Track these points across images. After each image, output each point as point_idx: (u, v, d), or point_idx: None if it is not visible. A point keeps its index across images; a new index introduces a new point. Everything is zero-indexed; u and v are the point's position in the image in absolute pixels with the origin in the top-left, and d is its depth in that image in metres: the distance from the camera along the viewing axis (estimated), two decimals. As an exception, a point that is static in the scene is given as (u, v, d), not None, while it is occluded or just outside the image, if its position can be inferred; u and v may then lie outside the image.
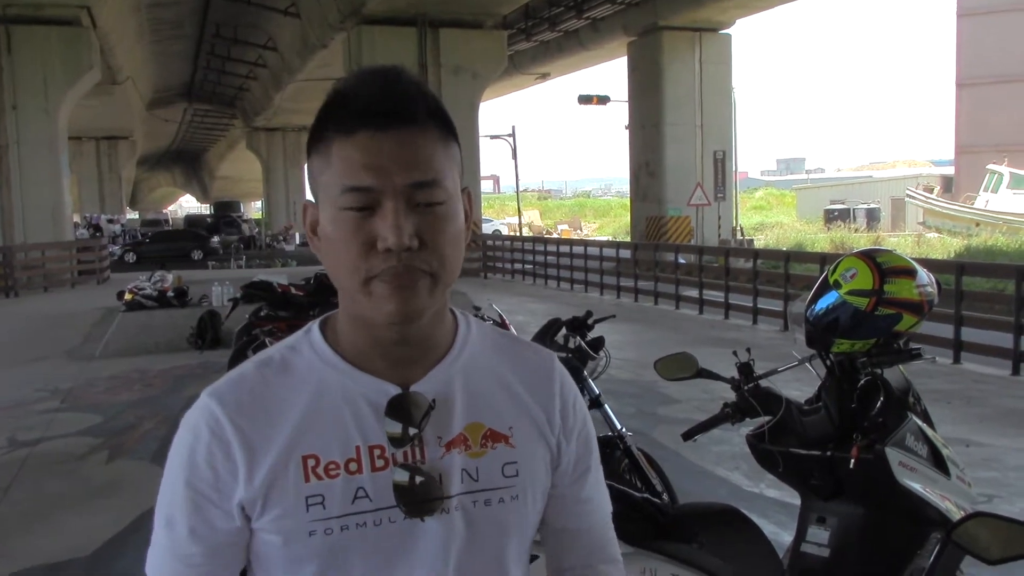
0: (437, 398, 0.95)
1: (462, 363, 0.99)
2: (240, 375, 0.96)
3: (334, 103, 0.91)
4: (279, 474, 0.91)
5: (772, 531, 3.54)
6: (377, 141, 0.88)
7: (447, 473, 0.95)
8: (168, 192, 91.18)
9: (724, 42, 23.57)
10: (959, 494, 2.14)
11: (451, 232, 0.92)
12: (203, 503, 0.92)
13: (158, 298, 11.91)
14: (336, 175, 0.89)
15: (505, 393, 1.00)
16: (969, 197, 32.43)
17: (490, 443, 0.97)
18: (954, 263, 11.39)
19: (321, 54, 24.72)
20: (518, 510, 0.98)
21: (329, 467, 0.92)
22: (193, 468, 0.93)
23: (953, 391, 7.39)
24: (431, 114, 0.92)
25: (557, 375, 1.05)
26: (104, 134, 40.68)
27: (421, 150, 0.90)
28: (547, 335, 3.84)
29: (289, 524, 0.92)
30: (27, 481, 5.53)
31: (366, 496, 0.92)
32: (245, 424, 0.92)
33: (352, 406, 0.94)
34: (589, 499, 1.08)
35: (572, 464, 1.04)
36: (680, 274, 14.76)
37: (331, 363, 0.96)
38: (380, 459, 0.93)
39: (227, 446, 0.92)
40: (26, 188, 19.10)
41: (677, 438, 2.73)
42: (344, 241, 0.89)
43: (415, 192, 0.89)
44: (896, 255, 2.22)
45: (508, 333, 1.10)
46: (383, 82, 0.91)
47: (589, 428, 1.08)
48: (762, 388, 2.33)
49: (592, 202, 67.28)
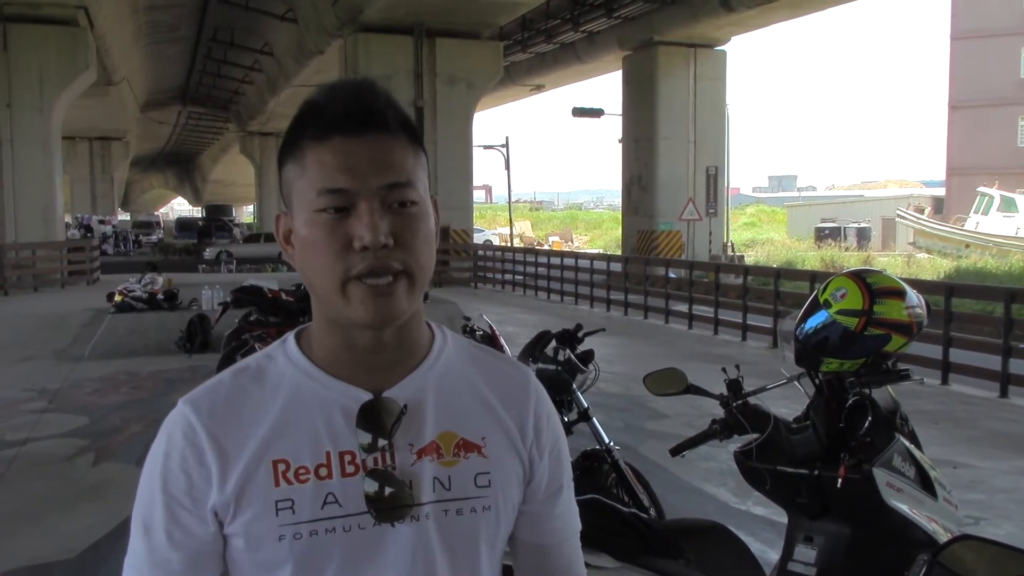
0: (410, 405, 0.96)
1: (436, 372, 1.00)
2: (216, 383, 0.98)
3: (308, 113, 0.94)
4: (250, 479, 0.93)
5: (759, 548, 3.55)
6: (351, 145, 0.91)
7: (418, 480, 0.95)
8: (160, 194, 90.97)
9: (719, 58, 23.72)
10: (946, 516, 2.15)
11: (423, 232, 0.94)
12: (178, 509, 0.94)
13: (148, 300, 11.86)
14: (311, 179, 0.92)
15: (479, 404, 1.01)
16: (959, 219, 32.61)
17: (463, 452, 0.98)
18: (944, 284, 11.47)
19: (317, 60, 24.75)
20: (490, 521, 0.99)
21: (299, 472, 0.93)
22: (168, 474, 0.94)
23: (941, 412, 7.42)
24: (401, 123, 0.95)
25: (533, 390, 1.05)
26: (98, 135, 40.57)
27: (393, 154, 0.93)
28: (536, 347, 3.85)
29: (259, 528, 0.93)
30: (14, 482, 5.50)
31: (336, 502, 0.93)
32: (218, 430, 0.94)
33: (324, 412, 0.95)
34: (560, 515, 1.08)
35: (545, 481, 1.05)
36: (670, 289, 14.80)
37: (304, 370, 0.97)
38: (351, 465, 0.94)
39: (200, 452, 0.93)
40: (18, 187, 19.03)
41: (665, 453, 2.74)
42: (320, 243, 0.91)
43: (389, 193, 0.92)
44: (886, 276, 2.24)
45: (484, 347, 1.10)
46: (355, 92, 0.94)
47: (562, 446, 1.08)
48: (751, 405, 2.34)
49: (584, 214, 67.42)
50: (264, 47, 29.36)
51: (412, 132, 0.96)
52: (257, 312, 8.20)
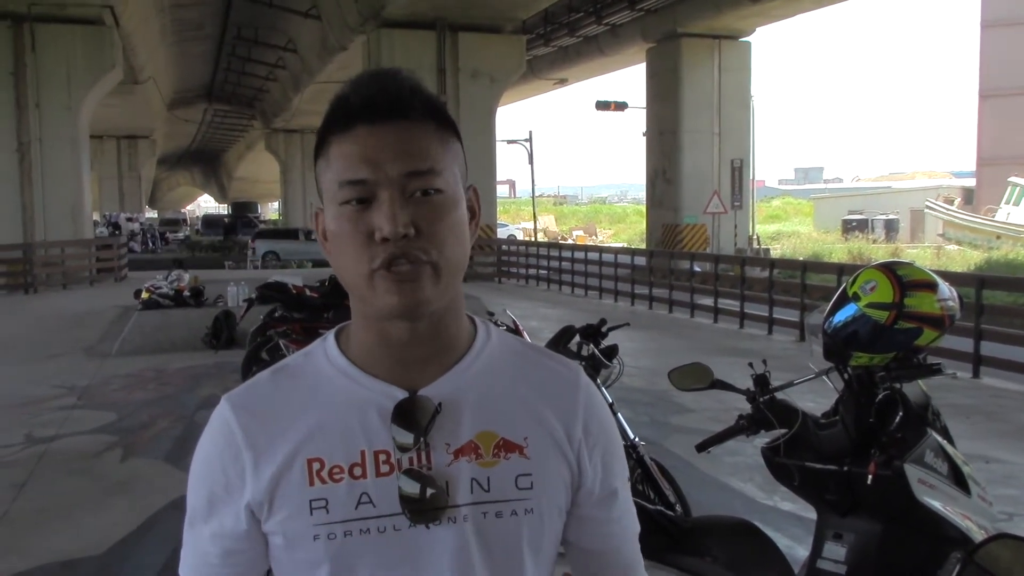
0: (446, 403, 0.94)
1: (476, 370, 0.97)
2: (256, 381, 0.98)
3: (335, 106, 0.93)
4: (284, 476, 0.92)
5: (786, 545, 3.51)
6: (371, 135, 0.90)
7: (454, 481, 0.93)
8: (187, 192, 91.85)
9: (743, 50, 23.51)
10: (979, 513, 2.11)
11: (449, 221, 0.91)
12: (218, 504, 0.95)
13: (174, 297, 11.98)
14: (335, 172, 0.91)
15: (522, 403, 0.97)
16: (990, 210, 32.16)
17: (503, 453, 0.95)
18: (974, 276, 11.28)
19: (341, 56, 24.82)
20: (533, 524, 0.95)
21: (333, 471, 0.92)
22: (209, 471, 0.96)
23: (972, 406, 7.31)
24: (428, 110, 0.93)
25: (583, 389, 1.01)
26: (125, 133, 41.00)
27: (415, 141, 0.90)
28: (560, 342, 3.83)
29: (293, 527, 0.92)
30: (42, 478, 5.56)
31: (370, 502, 0.92)
32: (254, 428, 0.94)
33: (359, 411, 0.94)
34: (616, 520, 1.04)
35: (596, 483, 1.00)
36: (695, 282, 14.70)
37: (341, 368, 0.96)
38: (385, 464, 0.92)
39: (236, 449, 0.94)
40: (47, 185, 19.26)
41: (690, 448, 2.71)
42: (346, 235, 0.90)
43: (409, 181, 0.89)
44: (917, 268, 2.19)
45: (531, 343, 1.07)
46: (378, 81, 0.93)
47: (615, 447, 1.03)
48: (778, 400, 2.30)
49: (608, 208, 67.20)
50: (288, 44, 29.50)
51: (441, 118, 0.94)
52: (282, 308, 8.25)
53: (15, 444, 6.36)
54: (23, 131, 19.04)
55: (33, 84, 18.98)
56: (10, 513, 4.89)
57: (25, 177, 19.13)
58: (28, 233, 19.13)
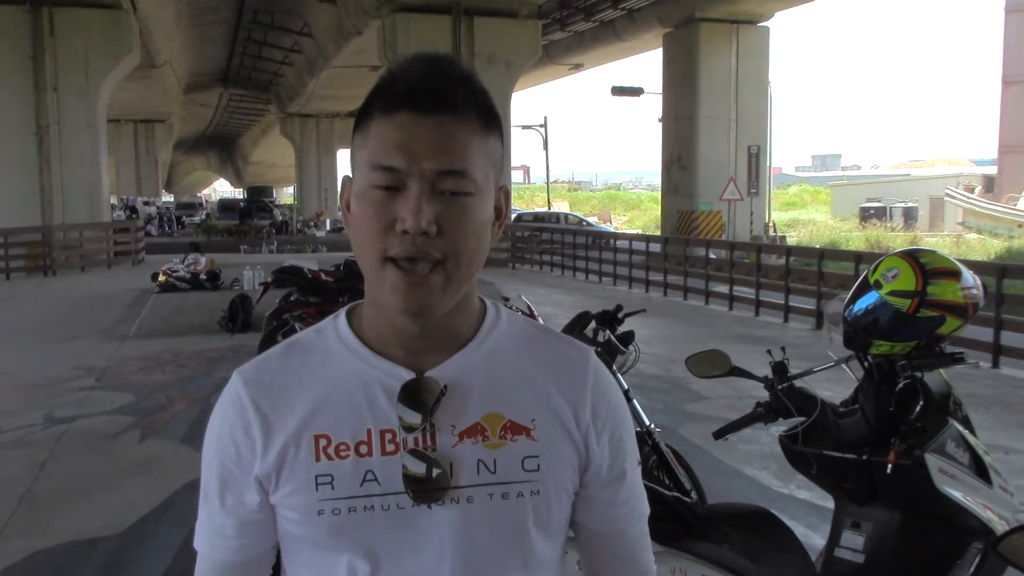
0: (453, 385, 0.94)
1: (484, 352, 0.97)
2: (267, 356, 1.00)
3: (383, 83, 0.92)
4: (291, 451, 0.94)
5: (802, 533, 3.50)
6: (414, 123, 0.89)
7: (459, 462, 0.93)
8: (203, 176, 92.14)
9: (762, 35, 23.28)
10: (1001, 503, 2.09)
11: (472, 224, 0.91)
12: (230, 477, 0.97)
13: (191, 280, 12.05)
14: (369, 152, 0.91)
15: (530, 385, 0.97)
16: (1012, 198, 31.84)
17: (510, 435, 0.95)
18: (995, 265, 11.16)
19: (356, 41, 24.77)
20: (539, 506, 0.96)
21: (340, 448, 0.93)
22: (221, 444, 0.97)
23: (992, 396, 7.26)
24: (475, 105, 0.92)
25: (592, 370, 1.01)
26: (142, 117, 41.09)
27: (455, 138, 0.89)
28: (576, 328, 3.82)
29: (299, 501, 0.94)
30: (62, 458, 5.62)
31: (375, 479, 0.93)
32: (264, 402, 0.95)
33: (366, 390, 0.95)
34: (624, 501, 1.04)
35: (605, 466, 1.00)
36: (711, 269, 14.64)
37: (351, 347, 0.97)
38: (391, 443, 0.93)
39: (247, 423, 0.95)
40: (65, 169, 19.35)
41: (706, 435, 2.70)
42: (367, 217, 0.90)
43: (441, 179, 0.89)
44: (940, 256, 2.17)
45: (542, 326, 1.07)
46: (430, 67, 0.91)
47: (624, 430, 1.03)
48: (796, 388, 2.29)
49: (623, 195, 66.94)
50: (303, 28, 29.46)
51: (486, 115, 0.93)
52: (297, 292, 8.28)
53: (35, 424, 6.43)
54: (41, 115, 19.12)
55: (51, 68, 19.04)
56: (31, 492, 4.94)
57: (44, 160, 19.23)
58: (46, 216, 19.25)
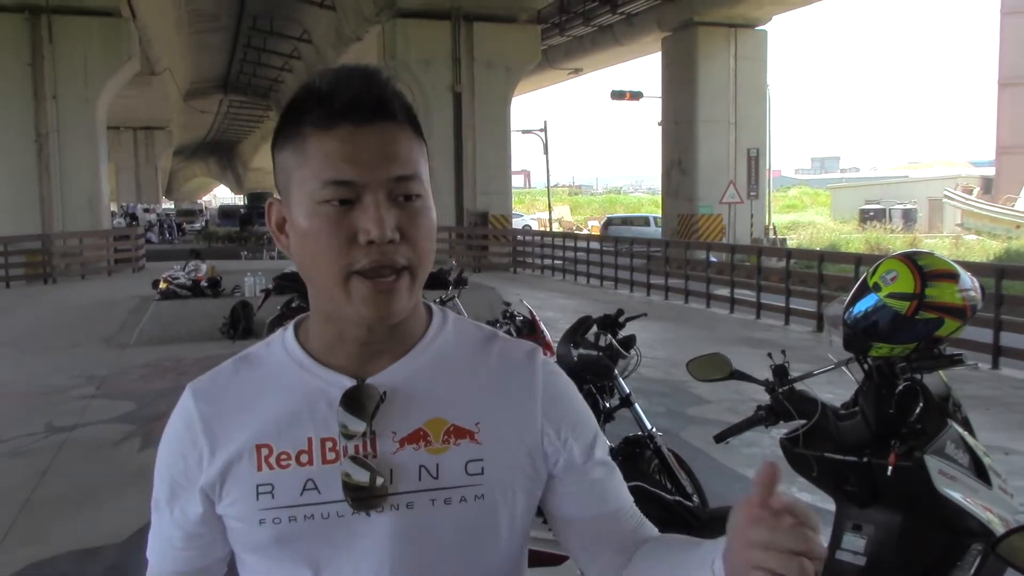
0: (394, 391, 0.94)
1: (429, 357, 0.98)
2: (218, 370, 1.02)
3: (310, 99, 0.91)
4: (235, 462, 0.95)
5: (803, 535, 3.49)
6: (358, 135, 0.88)
7: (399, 468, 0.93)
8: (203, 182, 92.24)
9: (760, 38, 23.32)
10: (1001, 505, 2.09)
11: (427, 226, 0.92)
12: (178, 489, 0.98)
13: (192, 287, 12.05)
14: (314, 169, 0.89)
15: (476, 388, 0.98)
16: (1010, 199, 31.85)
17: (453, 439, 0.95)
18: (994, 266, 11.17)
19: (356, 47, 24.85)
20: (485, 510, 0.95)
21: (281, 457, 0.94)
22: (170, 456, 0.99)
23: (992, 397, 7.26)
24: (406, 113, 0.93)
25: (539, 368, 1.01)
26: (142, 124, 41.22)
27: (401, 145, 0.90)
28: (578, 332, 3.82)
29: (242, 510, 0.95)
30: (63, 466, 5.62)
31: (315, 488, 0.93)
32: (211, 415, 0.97)
33: (309, 399, 0.95)
34: (600, 482, 1.03)
35: (568, 457, 1.00)
36: (711, 273, 14.65)
37: (295, 358, 0.98)
38: (331, 452, 0.94)
39: (194, 435, 0.97)
40: (65, 176, 19.37)
41: (707, 439, 2.70)
42: (324, 234, 0.89)
43: (396, 186, 0.89)
44: (938, 258, 2.17)
45: (489, 329, 1.06)
46: (362, 79, 0.91)
47: (581, 420, 1.03)
48: (797, 391, 2.30)
49: (623, 198, 66.96)
50: (303, 35, 29.54)
51: (416, 122, 0.94)
52: (299, 299, 8.28)
53: (36, 432, 6.43)
54: (41, 122, 19.14)
55: (51, 75, 19.06)
56: (32, 500, 4.94)
57: (43, 168, 19.26)
58: (46, 224, 19.27)
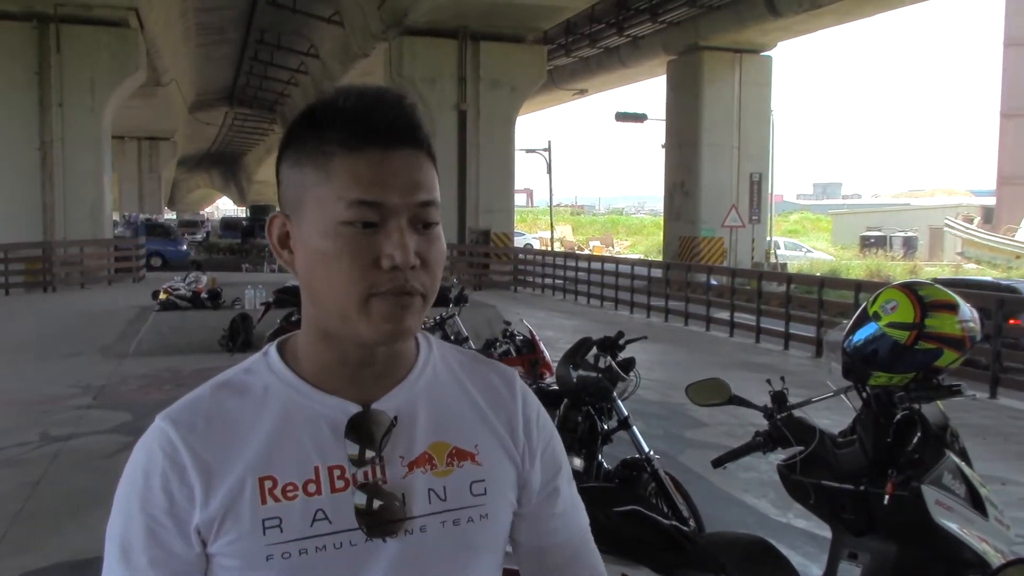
0: (399, 416, 0.94)
1: (425, 381, 0.98)
2: (196, 397, 0.95)
3: (336, 117, 0.90)
4: (235, 497, 0.89)
5: (800, 563, 3.49)
6: (388, 159, 0.88)
7: (411, 493, 0.93)
8: (206, 193, 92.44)
9: (764, 64, 23.48)
10: (997, 536, 2.09)
11: (441, 253, 0.92)
12: (160, 530, 0.90)
13: (192, 299, 12.04)
14: (338, 189, 0.88)
15: (470, 411, 0.99)
16: (1010, 229, 31.92)
17: (456, 461, 0.96)
18: (993, 296, 11.18)
19: (362, 63, 24.96)
20: (488, 528, 0.97)
21: (287, 488, 0.90)
22: (148, 494, 0.90)
23: (990, 427, 7.25)
24: (427, 140, 0.93)
25: (519, 392, 1.03)
26: (146, 134, 41.33)
27: (425, 172, 0.91)
28: (578, 354, 3.82)
29: (245, 548, 0.89)
30: (57, 477, 5.60)
31: (326, 518, 0.90)
32: (200, 447, 0.90)
33: (311, 426, 0.92)
34: (560, 515, 1.05)
35: (540, 483, 1.03)
36: (712, 296, 14.65)
37: (290, 384, 0.95)
38: (340, 480, 0.91)
39: (182, 470, 0.90)
40: (68, 185, 19.41)
41: (704, 462, 2.70)
42: (346, 257, 0.87)
43: (420, 212, 0.89)
44: (938, 288, 2.19)
45: (470, 352, 1.08)
46: (394, 104, 0.91)
47: (555, 445, 1.06)
48: (795, 418, 2.30)
49: (625, 219, 67.04)
50: (310, 50, 29.70)
51: (433, 150, 0.95)
52: (299, 312, 8.24)
53: (31, 442, 6.41)
54: (45, 131, 19.21)
55: (57, 84, 19.15)
56: (25, 511, 4.92)
57: (46, 176, 19.30)
58: (48, 232, 19.30)
